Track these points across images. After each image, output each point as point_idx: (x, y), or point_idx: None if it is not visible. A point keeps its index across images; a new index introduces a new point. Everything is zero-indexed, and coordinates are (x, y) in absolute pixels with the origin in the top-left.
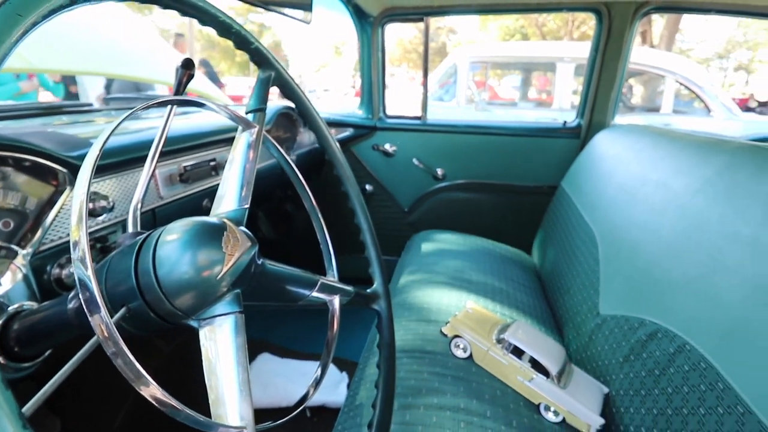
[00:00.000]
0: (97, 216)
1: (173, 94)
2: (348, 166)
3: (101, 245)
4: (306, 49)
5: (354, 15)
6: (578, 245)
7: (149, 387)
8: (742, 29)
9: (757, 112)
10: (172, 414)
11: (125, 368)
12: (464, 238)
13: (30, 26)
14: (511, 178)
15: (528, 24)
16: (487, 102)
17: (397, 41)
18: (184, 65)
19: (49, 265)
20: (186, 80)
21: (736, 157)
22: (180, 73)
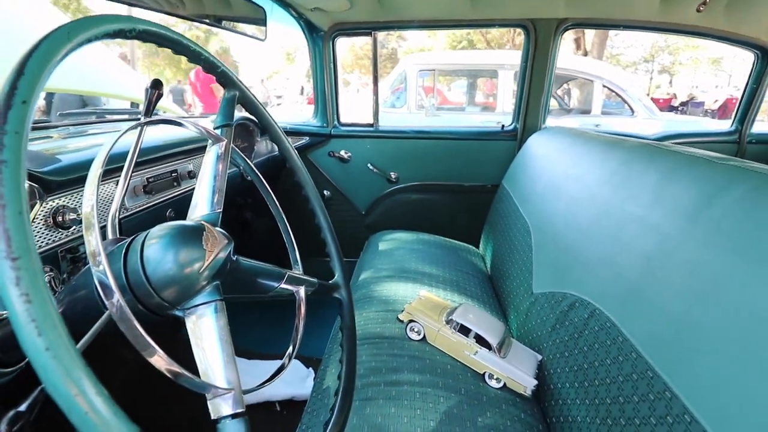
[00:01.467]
0: (67, 228)
1: (144, 113)
2: (307, 172)
3: (72, 255)
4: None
5: (305, 30)
6: (516, 236)
7: (154, 356)
8: (663, 35)
9: (679, 111)
10: (174, 377)
11: (136, 340)
12: (418, 236)
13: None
14: (459, 179)
15: (473, 32)
16: (437, 107)
17: (349, 47)
18: (153, 85)
19: None
20: (155, 99)
21: (632, 154)
22: (149, 93)
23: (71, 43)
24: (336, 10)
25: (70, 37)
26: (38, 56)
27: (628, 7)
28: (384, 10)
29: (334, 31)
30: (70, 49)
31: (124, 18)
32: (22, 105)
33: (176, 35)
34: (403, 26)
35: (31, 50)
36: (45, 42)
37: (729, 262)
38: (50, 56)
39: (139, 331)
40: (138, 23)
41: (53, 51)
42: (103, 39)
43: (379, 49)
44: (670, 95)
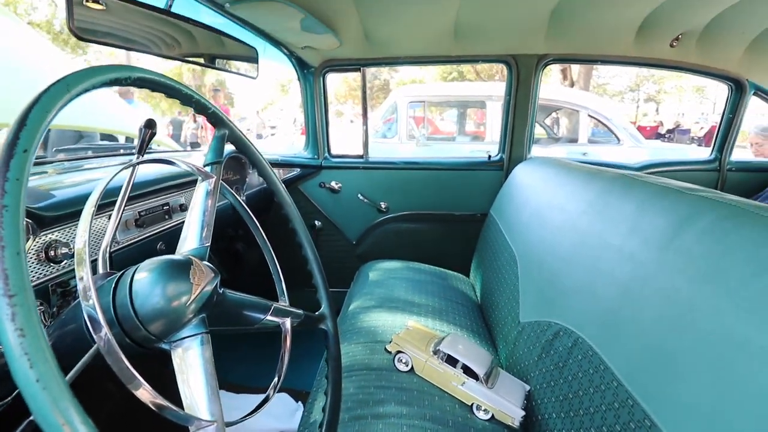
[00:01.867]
0: (59, 262)
1: (137, 152)
2: (295, 206)
3: (62, 290)
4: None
5: (297, 66)
6: (503, 265)
7: (140, 389)
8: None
9: (666, 138)
10: (158, 409)
11: (122, 373)
12: (408, 265)
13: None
14: (448, 208)
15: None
16: (428, 137)
17: (342, 79)
18: (147, 125)
19: None
20: (149, 139)
21: (610, 184)
22: (143, 132)
23: (69, 94)
24: (326, 48)
25: (69, 89)
26: (39, 108)
27: (605, 44)
28: (372, 48)
29: (325, 67)
30: (68, 100)
31: (119, 67)
32: (23, 154)
33: (169, 80)
34: (390, 62)
35: (32, 103)
36: (45, 95)
37: (700, 290)
38: (50, 107)
39: (125, 365)
40: (133, 71)
41: (53, 102)
42: (100, 88)
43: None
44: (656, 123)
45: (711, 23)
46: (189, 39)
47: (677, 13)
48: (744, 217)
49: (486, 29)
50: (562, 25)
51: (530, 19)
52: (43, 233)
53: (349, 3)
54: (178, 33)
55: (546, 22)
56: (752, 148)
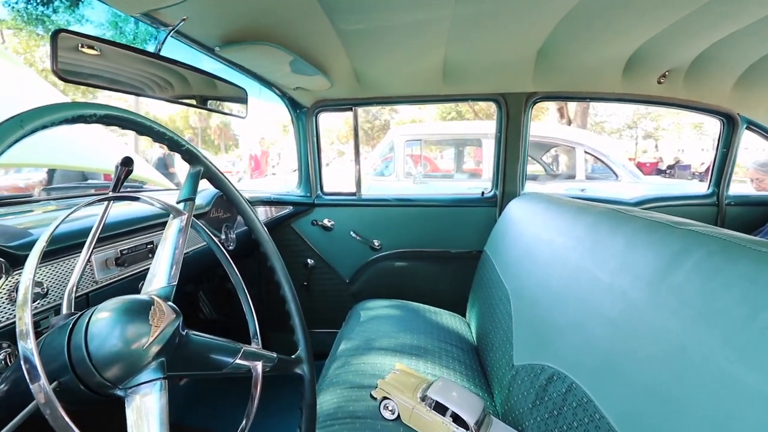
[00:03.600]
0: (32, 302)
1: (112, 189)
2: (273, 243)
3: (34, 330)
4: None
5: (289, 106)
6: (497, 303)
7: None
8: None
9: (666, 174)
10: None
11: (60, 430)
12: (402, 305)
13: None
14: (442, 246)
15: (462, 103)
16: (425, 175)
17: (344, 120)
18: (124, 163)
19: None
20: (124, 176)
21: (599, 218)
22: (119, 170)
23: (23, 131)
24: (317, 88)
25: (23, 125)
26: None
27: (592, 81)
28: (363, 88)
29: (317, 107)
30: (21, 136)
31: (82, 105)
32: None
33: (140, 118)
34: (381, 102)
35: None
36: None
37: (693, 330)
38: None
39: (64, 421)
40: (98, 108)
41: (2, 138)
42: (60, 125)
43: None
44: (656, 159)
45: (697, 59)
46: (179, 81)
47: (663, 50)
48: (737, 252)
49: (474, 69)
50: (549, 64)
51: (517, 58)
52: (16, 272)
53: (337, 45)
54: (168, 75)
55: (533, 60)
56: (753, 183)
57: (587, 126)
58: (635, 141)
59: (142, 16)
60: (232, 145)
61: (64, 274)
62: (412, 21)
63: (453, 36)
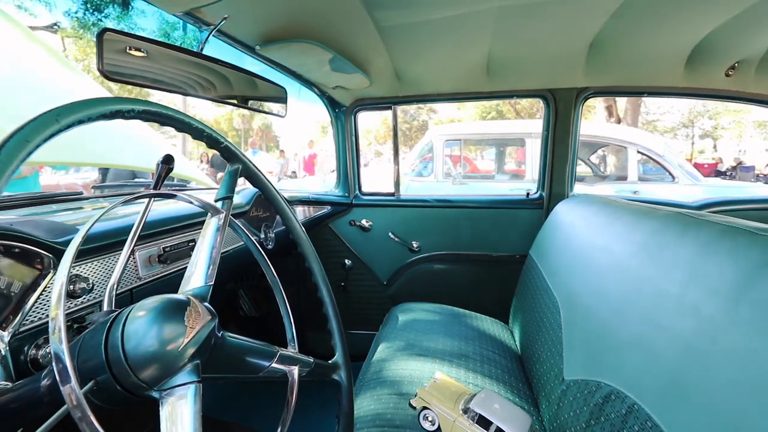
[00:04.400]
0: (77, 297)
1: (153, 186)
2: (310, 243)
3: (78, 325)
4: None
5: (328, 105)
6: (545, 312)
7: None
8: (702, 100)
9: (727, 176)
10: None
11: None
12: (442, 309)
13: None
14: (484, 249)
15: (503, 102)
16: (465, 176)
17: (382, 120)
18: (164, 161)
19: (26, 346)
20: (165, 174)
21: (663, 223)
22: (160, 168)
23: (58, 125)
24: (356, 87)
25: (59, 119)
26: (18, 137)
27: (651, 75)
28: (403, 86)
29: (356, 106)
30: (56, 131)
31: (121, 100)
32: None
33: (178, 114)
34: (421, 100)
35: (15, 130)
36: (30, 124)
37: None
38: (32, 137)
39: (94, 426)
40: (136, 104)
41: (36, 132)
42: (97, 120)
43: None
44: (715, 160)
45: None
46: (220, 80)
47: (733, 39)
48: None
49: (520, 64)
50: (602, 56)
51: (568, 51)
52: None
53: (377, 42)
54: (210, 74)
55: (585, 53)
56: None
57: (638, 125)
58: (691, 141)
59: (184, 16)
60: (273, 146)
61: (110, 270)
62: (454, 15)
63: (498, 29)
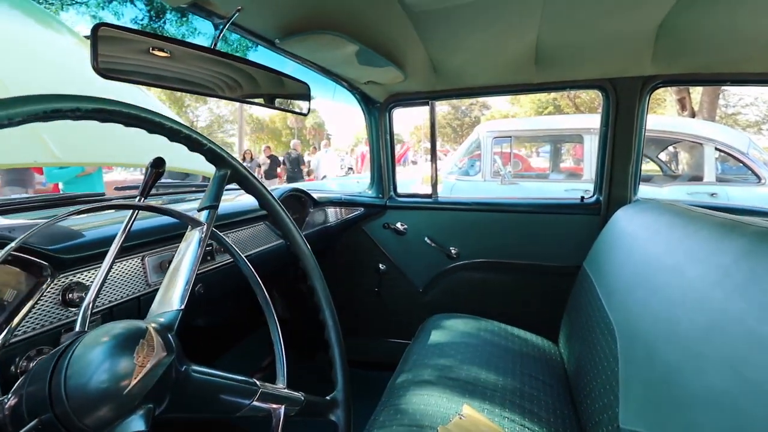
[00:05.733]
0: (76, 305)
1: (140, 193)
2: (314, 258)
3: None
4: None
5: (361, 102)
6: (598, 337)
7: None
8: None
9: None
10: None
11: None
12: (481, 324)
13: None
14: (531, 257)
15: (560, 96)
16: (515, 174)
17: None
18: (154, 164)
19: (18, 357)
20: (153, 180)
21: (755, 244)
22: (148, 173)
23: None
24: (390, 82)
25: None
26: None
27: (735, 59)
28: (441, 79)
29: (390, 102)
30: None
31: (60, 97)
32: None
33: (144, 112)
34: (462, 94)
35: None
36: None
37: None
38: None
39: None
40: (84, 102)
41: None
42: (28, 122)
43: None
44: None
45: None
46: (236, 76)
47: None
48: None
49: (574, 51)
50: (674, 40)
51: (632, 34)
52: (63, 275)
53: (409, 32)
54: (224, 71)
55: (653, 36)
56: None
57: (715, 119)
58: None
59: (192, 8)
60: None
61: (117, 278)
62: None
63: (548, 11)
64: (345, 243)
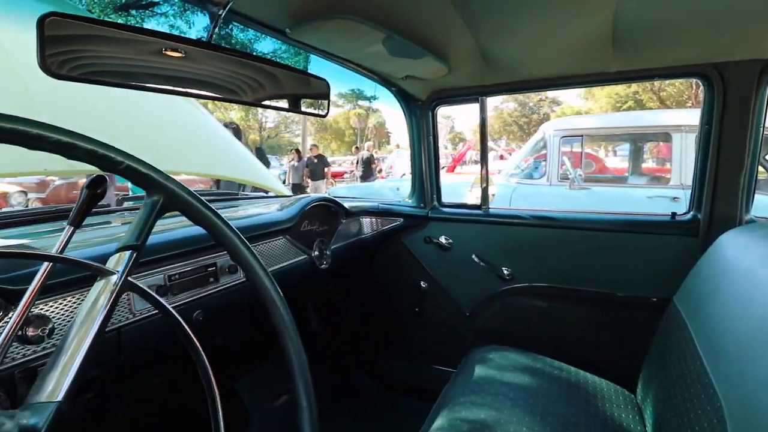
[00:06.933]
0: (33, 343)
1: (69, 221)
2: (285, 306)
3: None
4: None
5: (400, 99)
6: (693, 402)
7: None
8: None
9: None
10: None
11: None
12: (538, 362)
13: None
14: (605, 285)
15: (642, 89)
16: (587, 177)
17: (497, 113)
18: (89, 185)
19: None
20: (87, 204)
21: None
22: (82, 196)
23: None
24: (432, 76)
25: None
26: None
27: None
28: (491, 71)
29: (434, 99)
30: None
31: None
32: None
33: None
34: (518, 88)
35: None
36: None
37: None
38: None
39: None
40: None
41: None
42: None
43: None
44: None
45: None
46: (234, 74)
47: None
48: None
49: (665, 30)
50: None
51: (746, 5)
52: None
53: (452, 17)
54: (223, 67)
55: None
56: None
57: None
58: None
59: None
60: (384, 142)
61: None
62: None
63: None
64: (382, 256)
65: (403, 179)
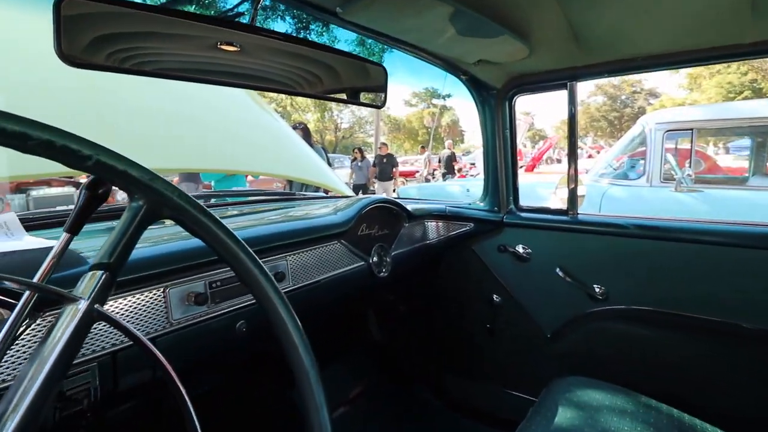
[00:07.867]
0: None
1: (68, 224)
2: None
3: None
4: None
5: (471, 88)
6: None
7: None
8: None
9: None
10: None
11: None
12: (641, 406)
13: None
14: (724, 313)
15: (762, 77)
16: (697, 178)
17: (583, 108)
18: (89, 186)
19: None
20: (85, 206)
21: None
22: (81, 198)
23: None
24: (509, 59)
25: None
26: None
27: None
28: (584, 51)
29: (511, 87)
30: None
31: None
32: None
33: None
34: (618, 69)
35: None
36: None
37: None
38: None
39: None
40: None
41: None
42: None
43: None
44: None
45: None
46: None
47: None
48: None
49: None
50: None
51: None
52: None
53: None
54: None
55: None
56: None
57: None
58: None
59: None
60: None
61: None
62: None
63: None
64: (449, 264)
65: (470, 179)
